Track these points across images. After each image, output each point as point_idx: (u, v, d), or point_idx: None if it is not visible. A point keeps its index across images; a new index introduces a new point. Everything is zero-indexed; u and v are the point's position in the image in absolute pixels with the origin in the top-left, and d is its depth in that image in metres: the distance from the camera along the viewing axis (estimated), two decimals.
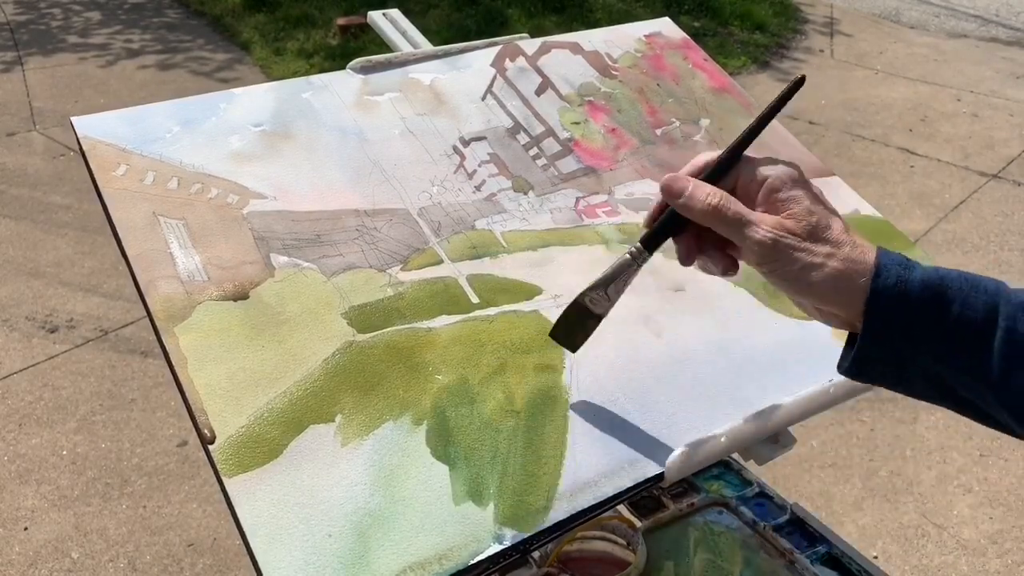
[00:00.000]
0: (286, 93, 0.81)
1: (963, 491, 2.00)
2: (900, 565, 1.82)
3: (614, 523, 0.83)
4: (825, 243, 0.52)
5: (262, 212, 0.71)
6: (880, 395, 2.25)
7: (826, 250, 0.51)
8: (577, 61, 0.95)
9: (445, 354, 0.65)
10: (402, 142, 0.80)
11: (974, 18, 5.37)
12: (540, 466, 0.60)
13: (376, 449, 0.58)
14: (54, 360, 2.35)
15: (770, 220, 0.53)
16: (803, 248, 0.51)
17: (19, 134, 3.57)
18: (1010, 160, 3.57)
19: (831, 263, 0.51)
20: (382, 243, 0.71)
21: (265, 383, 0.60)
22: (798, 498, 1.92)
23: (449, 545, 0.55)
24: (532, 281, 0.72)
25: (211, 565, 1.79)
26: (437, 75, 0.88)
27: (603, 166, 0.85)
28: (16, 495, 1.94)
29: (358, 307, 0.66)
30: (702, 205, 0.54)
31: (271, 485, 0.55)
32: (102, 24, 4.87)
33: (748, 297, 0.77)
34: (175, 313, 0.62)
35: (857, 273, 0.51)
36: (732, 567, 0.80)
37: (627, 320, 0.71)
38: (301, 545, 0.53)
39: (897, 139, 3.74)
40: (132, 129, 0.74)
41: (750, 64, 4.47)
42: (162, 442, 2.09)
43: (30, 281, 2.66)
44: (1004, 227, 3.08)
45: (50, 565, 1.78)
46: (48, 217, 3.00)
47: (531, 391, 0.64)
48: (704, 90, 0.98)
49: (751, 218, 0.53)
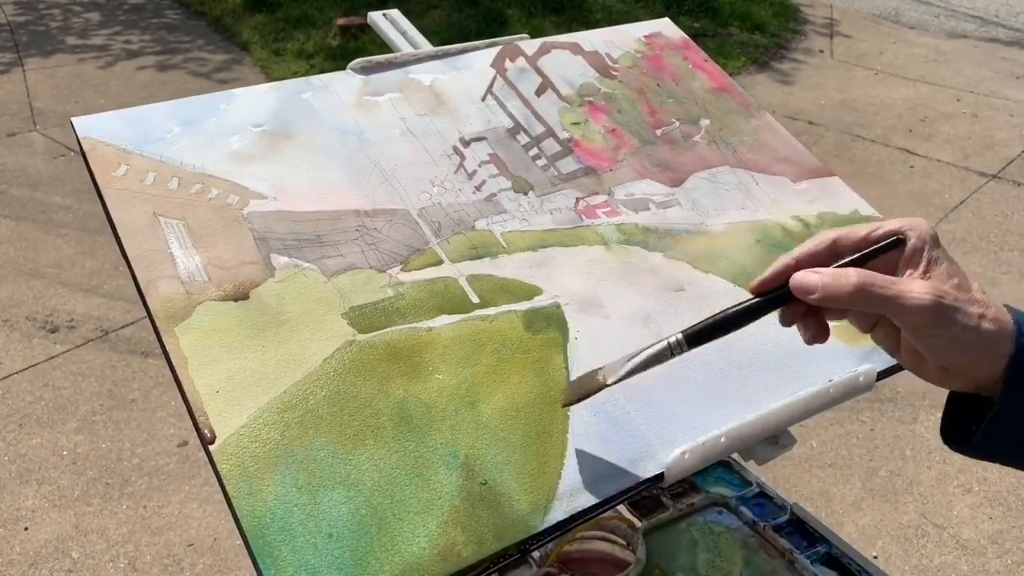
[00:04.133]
0: (286, 93, 0.81)
1: (963, 491, 2.00)
2: (900, 565, 1.82)
3: (614, 523, 0.83)
4: (974, 303, 0.50)
5: (262, 212, 0.71)
6: (880, 395, 2.26)
7: (978, 311, 0.50)
8: (577, 61, 0.95)
9: (445, 354, 0.65)
10: (402, 142, 0.80)
11: (974, 18, 5.37)
12: (540, 466, 0.60)
13: (377, 449, 0.58)
14: (54, 360, 2.35)
15: (922, 283, 0.50)
16: (961, 309, 0.49)
17: (19, 134, 3.58)
18: (1010, 160, 3.57)
19: (984, 324, 0.49)
20: (382, 243, 0.71)
21: (265, 383, 0.60)
22: (798, 498, 1.92)
23: (449, 545, 0.55)
24: (532, 281, 0.72)
25: (211, 565, 1.79)
26: (437, 75, 0.88)
27: (603, 166, 0.85)
28: (16, 495, 1.94)
29: (358, 307, 0.66)
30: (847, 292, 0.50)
31: (271, 485, 0.55)
32: (102, 25, 4.88)
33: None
34: (175, 313, 0.62)
35: (1005, 332, 0.49)
36: (732, 567, 0.80)
37: (627, 320, 0.71)
38: (302, 545, 0.53)
39: (897, 139, 3.74)
40: (132, 129, 0.74)
41: (750, 65, 4.47)
42: (162, 442, 2.09)
43: (30, 281, 2.66)
44: (1004, 227, 3.08)
45: (50, 565, 1.78)
46: (48, 217, 3.00)
47: (531, 391, 0.64)
48: (704, 90, 0.98)
49: (902, 287, 0.50)
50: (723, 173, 0.89)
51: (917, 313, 0.49)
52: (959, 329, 0.49)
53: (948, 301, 0.49)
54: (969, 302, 0.50)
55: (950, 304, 0.49)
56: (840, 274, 0.51)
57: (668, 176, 0.87)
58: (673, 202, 0.84)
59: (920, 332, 0.50)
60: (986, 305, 0.50)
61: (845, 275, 0.51)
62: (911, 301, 0.49)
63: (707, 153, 0.91)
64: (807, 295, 0.52)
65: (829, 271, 0.52)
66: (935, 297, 0.49)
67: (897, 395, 2.26)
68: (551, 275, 0.73)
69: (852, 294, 0.50)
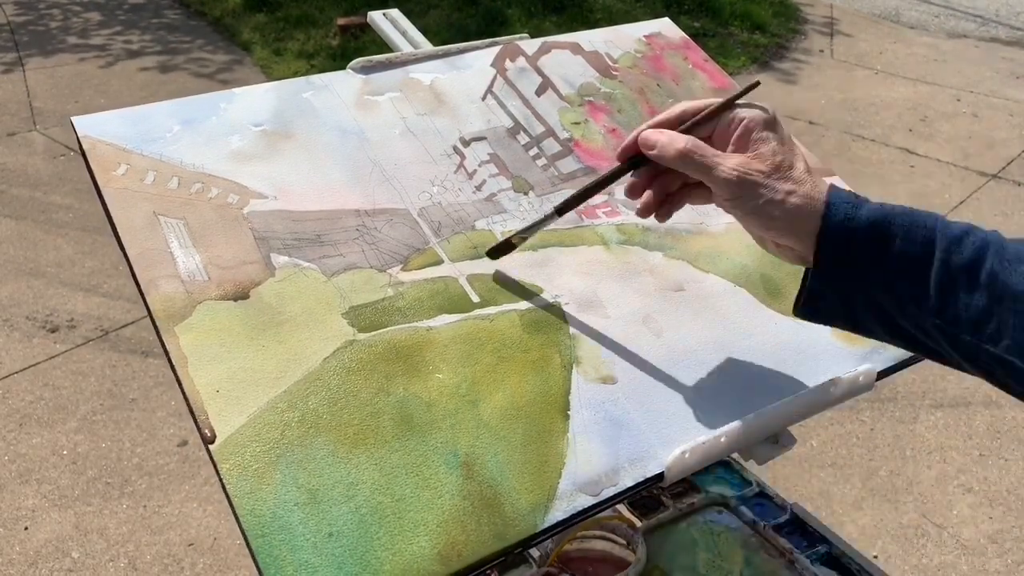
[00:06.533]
0: (286, 93, 0.81)
1: (963, 491, 2.00)
2: (900, 565, 1.82)
3: (614, 523, 0.83)
4: (787, 180, 0.56)
5: (262, 212, 0.71)
6: (880, 395, 2.26)
7: (788, 187, 0.55)
8: (577, 61, 0.95)
9: (445, 353, 0.65)
10: (402, 142, 0.80)
11: (974, 18, 5.37)
12: (540, 465, 0.60)
13: (377, 448, 0.58)
14: (54, 360, 2.35)
15: (736, 159, 0.57)
16: (766, 184, 0.56)
17: (19, 134, 3.58)
18: (1010, 160, 3.57)
19: (791, 199, 0.55)
20: (382, 243, 0.71)
21: (266, 383, 0.60)
22: (798, 498, 1.92)
23: (449, 544, 0.55)
24: (532, 281, 0.72)
25: (211, 565, 1.79)
26: (437, 75, 0.88)
27: (603, 166, 0.85)
28: (16, 495, 1.94)
29: (358, 307, 0.66)
30: (673, 151, 0.58)
31: (272, 484, 0.55)
32: (102, 25, 4.88)
33: (748, 297, 0.77)
34: (175, 313, 0.62)
35: (814, 209, 0.55)
36: (732, 567, 0.80)
37: (627, 320, 0.71)
38: (302, 544, 0.53)
39: (897, 139, 3.74)
40: (132, 129, 0.74)
41: (750, 64, 4.47)
42: (162, 442, 2.09)
43: (30, 281, 2.67)
44: (1004, 227, 3.07)
45: (50, 565, 1.78)
46: (48, 217, 3.00)
47: (531, 390, 0.64)
48: (704, 90, 0.98)
49: (718, 159, 0.57)
50: None
51: (725, 185, 0.57)
52: (762, 202, 0.56)
53: (752, 177, 0.56)
54: (781, 179, 0.56)
55: (754, 180, 0.56)
56: (676, 137, 0.59)
57: None
58: None
59: (729, 203, 0.58)
60: (800, 183, 0.56)
61: (679, 139, 0.58)
62: (721, 173, 0.56)
63: None
64: (648, 150, 0.60)
65: (669, 132, 0.59)
66: (740, 173, 0.56)
67: (897, 395, 2.26)
68: (551, 275, 0.73)
69: (677, 155, 0.58)
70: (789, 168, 0.56)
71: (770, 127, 0.58)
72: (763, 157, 0.57)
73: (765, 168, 0.56)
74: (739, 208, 0.57)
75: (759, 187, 0.56)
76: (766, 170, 0.56)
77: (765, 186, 0.56)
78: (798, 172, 0.56)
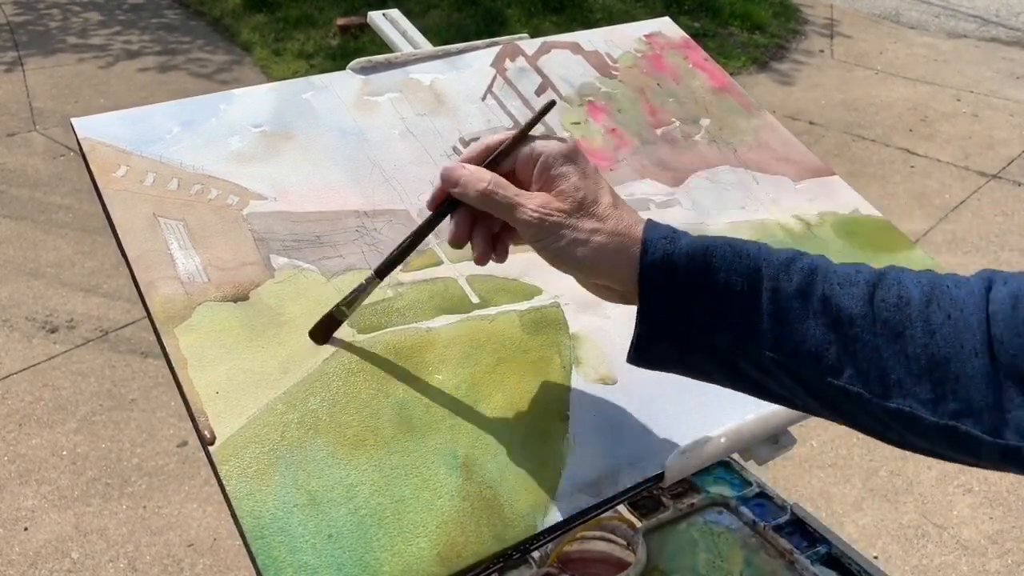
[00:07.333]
0: (286, 93, 0.81)
1: (963, 491, 2.00)
2: (900, 565, 1.82)
3: (614, 523, 0.83)
4: (591, 218, 0.53)
5: (262, 213, 0.71)
6: None
7: (591, 225, 0.52)
8: (577, 61, 0.95)
9: (445, 354, 0.65)
10: (402, 142, 0.80)
11: (974, 18, 5.37)
12: (540, 466, 0.60)
13: (376, 449, 0.58)
14: (54, 360, 2.35)
15: (538, 199, 0.54)
16: (568, 224, 0.52)
17: (19, 134, 3.58)
18: (1010, 160, 3.57)
19: (595, 238, 0.52)
20: (382, 244, 0.71)
21: (265, 384, 0.60)
22: (798, 498, 1.92)
23: (449, 545, 0.55)
24: (532, 281, 0.72)
25: (211, 565, 1.79)
26: (437, 75, 0.88)
27: (603, 166, 0.85)
28: (16, 495, 1.94)
29: (358, 308, 0.66)
30: (474, 191, 0.55)
31: (271, 486, 0.55)
32: (101, 25, 4.88)
33: None
34: (175, 314, 0.62)
35: (622, 246, 0.52)
36: (732, 567, 0.80)
37: (628, 320, 0.71)
38: (301, 546, 0.53)
39: (897, 139, 3.74)
40: (132, 130, 0.74)
41: (750, 65, 4.47)
42: (162, 442, 2.09)
43: (30, 281, 2.66)
44: (1004, 227, 3.08)
45: (50, 565, 1.78)
46: (48, 217, 3.00)
47: (531, 391, 0.64)
48: (704, 90, 0.98)
49: (520, 200, 0.54)
50: (723, 173, 0.89)
51: (526, 227, 0.53)
52: (565, 243, 0.52)
53: (554, 218, 0.53)
54: (584, 217, 0.52)
55: (556, 220, 0.52)
56: (479, 174, 0.55)
57: (668, 176, 0.87)
58: (673, 202, 0.84)
59: (533, 244, 0.54)
60: (604, 219, 0.52)
61: (481, 176, 0.55)
62: (522, 215, 0.53)
63: (707, 153, 0.91)
64: (452, 187, 0.56)
65: (472, 168, 0.56)
66: (542, 215, 0.53)
67: None
68: (551, 275, 0.73)
69: (479, 196, 0.54)
70: (593, 204, 0.53)
71: (570, 160, 0.54)
72: (564, 195, 0.53)
73: (567, 207, 0.53)
74: (545, 251, 0.54)
75: (561, 227, 0.52)
76: (568, 209, 0.53)
77: (567, 226, 0.52)
78: (602, 208, 0.53)
